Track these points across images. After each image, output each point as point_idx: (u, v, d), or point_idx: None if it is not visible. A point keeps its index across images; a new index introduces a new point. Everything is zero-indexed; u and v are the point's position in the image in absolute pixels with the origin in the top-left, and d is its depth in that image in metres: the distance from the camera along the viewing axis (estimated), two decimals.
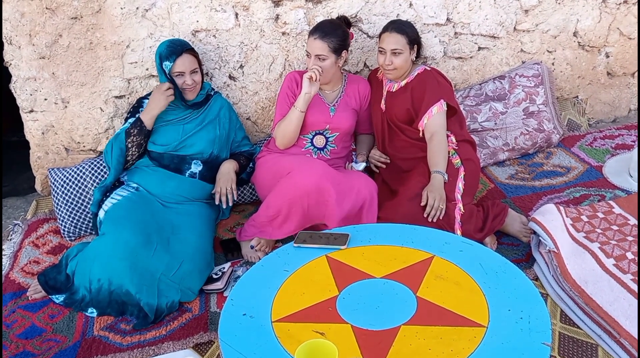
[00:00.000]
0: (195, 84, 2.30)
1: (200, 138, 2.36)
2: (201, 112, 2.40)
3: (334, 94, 2.43)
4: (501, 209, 2.27)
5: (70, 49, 2.53)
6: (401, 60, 2.31)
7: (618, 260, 1.94)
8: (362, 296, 1.57)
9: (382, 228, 1.94)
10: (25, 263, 2.38)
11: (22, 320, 2.06)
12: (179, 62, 2.24)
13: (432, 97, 2.30)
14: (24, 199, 2.95)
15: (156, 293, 2.02)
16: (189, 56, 2.27)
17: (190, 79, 2.28)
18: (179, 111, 2.36)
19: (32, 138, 2.71)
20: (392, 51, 2.29)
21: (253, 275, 1.71)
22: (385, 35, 2.32)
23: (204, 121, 2.39)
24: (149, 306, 2.00)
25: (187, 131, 2.35)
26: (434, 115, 2.29)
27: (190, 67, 2.27)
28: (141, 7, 2.51)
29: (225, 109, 2.48)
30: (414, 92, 2.35)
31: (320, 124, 2.36)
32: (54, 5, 2.44)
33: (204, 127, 2.38)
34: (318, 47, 2.24)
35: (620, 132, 3.06)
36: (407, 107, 2.36)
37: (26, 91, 2.59)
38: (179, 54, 2.24)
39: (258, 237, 2.28)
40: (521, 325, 1.42)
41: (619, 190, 2.55)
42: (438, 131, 2.28)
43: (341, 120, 2.37)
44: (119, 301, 2.03)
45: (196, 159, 2.36)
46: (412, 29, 2.36)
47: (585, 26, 3.03)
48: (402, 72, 2.36)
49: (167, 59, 2.25)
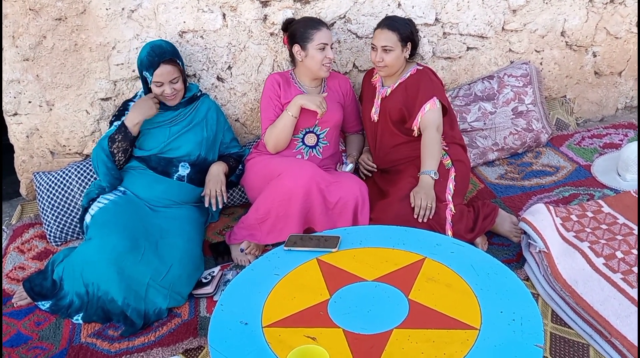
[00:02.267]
0: (175, 92, 2.26)
1: (187, 140, 2.33)
2: (188, 114, 2.36)
3: (317, 90, 2.42)
4: (491, 210, 2.27)
5: (54, 50, 2.49)
6: (391, 57, 2.29)
7: (608, 259, 1.94)
8: (354, 299, 1.55)
9: (373, 230, 1.93)
10: (11, 269, 2.33)
11: (7, 327, 2.02)
12: (157, 73, 2.20)
13: (425, 96, 2.29)
14: (9, 204, 2.90)
15: (143, 300, 1.99)
16: (167, 66, 2.21)
17: (170, 88, 2.24)
18: (165, 114, 2.32)
19: (17, 141, 2.67)
20: (382, 47, 2.28)
21: (243, 279, 1.69)
22: (378, 31, 2.31)
23: (191, 122, 2.36)
24: (137, 312, 1.97)
25: (173, 133, 2.32)
26: (426, 112, 2.28)
27: (169, 78, 2.22)
28: (127, 8, 2.48)
29: (212, 111, 2.44)
30: (407, 91, 2.33)
31: (310, 121, 2.35)
32: (37, 6, 2.40)
33: (191, 129, 2.35)
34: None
35: (608, 131, 3.08)
36: (400, 106, 2.34)
37: (10, 93, 2.55)
38: (156, 67, 2.20)
39: (248, 240, 2.26)
40: (513, 327, 1.42)
41: (608, 189, 2.57)
42: (428, 127, 2.26)
43: (329, 113, 2.36)
44: (104, 308, 2.00)
45: (183, 161, 2.33)
46: (407, 26, 2.32)
47: (572, 26, 3.05)
48: (393, 70, 2.34)
49: (147, 70, 2.22)
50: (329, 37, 2.30)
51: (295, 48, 2.32)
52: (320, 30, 2.28)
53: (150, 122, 2.29)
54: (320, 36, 2.27)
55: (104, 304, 2.00)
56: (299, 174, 2.13)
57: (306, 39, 2.28)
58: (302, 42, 2.29)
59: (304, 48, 2.29)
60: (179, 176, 2.31)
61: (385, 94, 2.39)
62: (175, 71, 2.24)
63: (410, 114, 2.33)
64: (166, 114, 2.33)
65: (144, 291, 2.00)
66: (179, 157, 2.32)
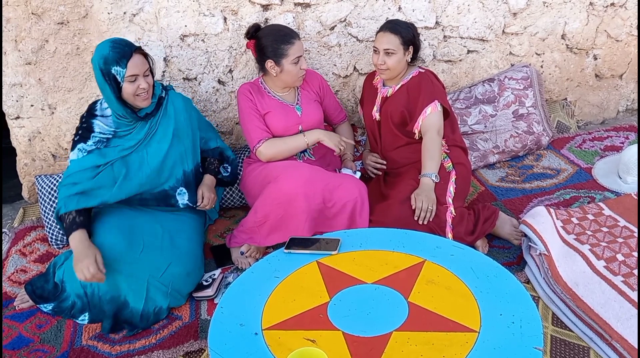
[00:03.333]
0: (149, 88, 2.05)
1: (168, 164, 2.16)
2: (158, 121, 2.14)
3: (290, 95, 2.39)
4: (492, 213, 2.27)
5: (56, 54, 2.50)
6: (394, 61, 2.29)
7: (608, 262, 1.94)
8: (353, 302, 1.55)
9: (372, 232, 1.93)
10: (12, 272, 2.34)
11: (9, 330, 2.03)
12: (130, 64, 1.96)
13: (426, 99, 2.30)
14: (11, 207, 2.91)
15: (144, 298, 2.00)
16: (139, 56, 2.01)
17: (145, 82, 2.01)
18: (134, 134, 2.10)
19: (19, 144, 2.68)
20: (384, 50, 2.28)
21: (243, 282, 1.69)
22: (380, 34, 2.31)
23: (165, 133, 2.15)
24: (135, 311, 1.97)
25: (151, 157, 2.12)
26: (427, 115, 2.29)
27: (144, 69, 2.01)
28: (128, 12, 2.49)
29: (181, 113, 2.21)
30: (409, 94, 2.34)
31: (294, 127, 2.35)
32: (39, 10, 2.41)
33: (169, 145, 2.15)
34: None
35: (609, 134, 3.08)
36: (402, 109, 2.35)
37: (12, 97, 2.56)
38: (129, 56, 1.96)
39: (248, 243, 2.26)
40: (513, 329, 1.42)
41: (609, 192, 2.56)
42: (429, 130, 2.27)
43: (310, 114, 2.37)
44: (104, 308, 2.01)
45: (178, 188, 2.19)
46: (409, 30, 2.31)
47: (573, 29, 3.05)
48: (395, 73, 2.35)
49: (117, 63, 1.95)
50: (301, 48, 2.26)
51: (268, 64, 2.25)
52: (293, 44, 2.22)
53: (121, 150, 2.08)
54: (295, 50, 2.22)
55: (104, 304, 2.00)
56: (296, 177, 2.13)
57: (280, 55, 2.21)
58: (275, 58, 2.22)
59: (278, 64, 2.23)
60: (184, 205, 2.20)
61: (387, 94, 2.40)
62: (146, 63, 2.04)
63: (412, 117, 2.34)
64: (134, 134, 2.10)
65: (144, 290, 2.00)
66: (171, 187, 2.18)
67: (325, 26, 2.70)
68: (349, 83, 2.89)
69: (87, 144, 2.07)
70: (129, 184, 2.08)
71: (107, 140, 2.09)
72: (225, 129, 2.84)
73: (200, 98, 2.73)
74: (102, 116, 2.12)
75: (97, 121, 2.10)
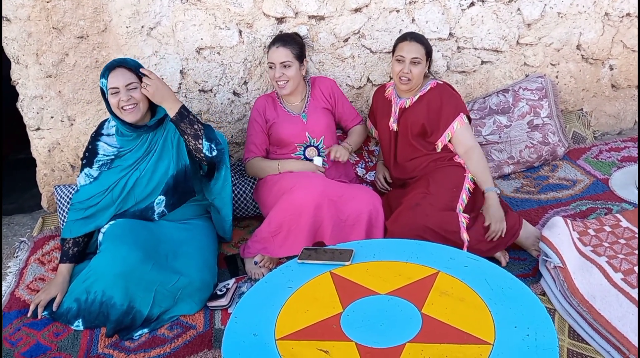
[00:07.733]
0: (132, 100, 2.04)
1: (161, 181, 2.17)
2: (155, 147, 2.16)
3: (302, 103, 2.46)
4: (514, 223, 2.19)
5: (76, 67, 2.56)
6: (419, 70, 2.31)
7: (626, 274, 1.91)
8: (367, 313, 1.55)
9: (386, 243, 1.93)
10: (31, 281, 2.38)
11: (27, 338, 2.06)
12: (111, 76, 2.03)
13: (452, 112, 2.31)
14: (30, 217, 2.96)
15: (150, 303, 2.03)
16: (122, 69, 2.04)
17: (126, 95, 2.02)
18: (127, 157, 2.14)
19: (39, 155, 2.74)
20: (412, 59, 2.29)
21: (257, 292, 1.70)
22: (405, 44, 2.32)
23: (161, 158, 2.17)
24: (139, 314, 2.01)
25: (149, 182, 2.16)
26: (457, 130, 2.30)
27: (125, 82, 2.02)
28: (146, 26, 2.54)
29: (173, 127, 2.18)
30: (429, 106, 2.34)
31: (300, 136, 2.39)
32: (60, 25, 2.47)
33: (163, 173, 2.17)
34: (282, 54, 2.31)
35: (626, 145, 3.05)
36: (422, 121, 2.34)
37: (33, 109, 2.62)
38: (111, 69, 2.04)
39: (262, 254, 2.28)
40: (528, 342, 1.40)
41: (626, 203, 2.53)
42: (473, 146, 2.31)
43: (316, 121, 2.41)
44: (105, 313, 2.03)
45: (157, 196, 2.19)
46: (428, 41, 2.39)
47: (588, 39, 3.03)
48: (417, 83, 2.36)
49: (103, 76, 2.06)
50: (279, 55, 2.32)
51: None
52: (270, 49, 2.36)
53: (121, 170, 2.14)
54: (271, 56, 2.35)
55: (106, 309, 2.03)
56: (310, 188, 2.15)
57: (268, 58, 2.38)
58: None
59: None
60: (159, 214, 2.21)
61: (405, 105, 2.40)
62: (132, 77, 2.05)
63: (433, 130, 2.34)
64: (134, 152, 2.14)
65: (151, 296, 2.03)
66: (153, 200, 2.19)
67: (339, 38, 2.73)
68: (363, 94, 2.90)
69: (92, 169, 2.18)
70: (124, 204, 2.18)
71: (110, 161, 2.17)
72: (240, 140, 2.87)
73: (216, 109, 2.77)
74: (107, 134, 2.20)
75: (101, 142, 2.19)
